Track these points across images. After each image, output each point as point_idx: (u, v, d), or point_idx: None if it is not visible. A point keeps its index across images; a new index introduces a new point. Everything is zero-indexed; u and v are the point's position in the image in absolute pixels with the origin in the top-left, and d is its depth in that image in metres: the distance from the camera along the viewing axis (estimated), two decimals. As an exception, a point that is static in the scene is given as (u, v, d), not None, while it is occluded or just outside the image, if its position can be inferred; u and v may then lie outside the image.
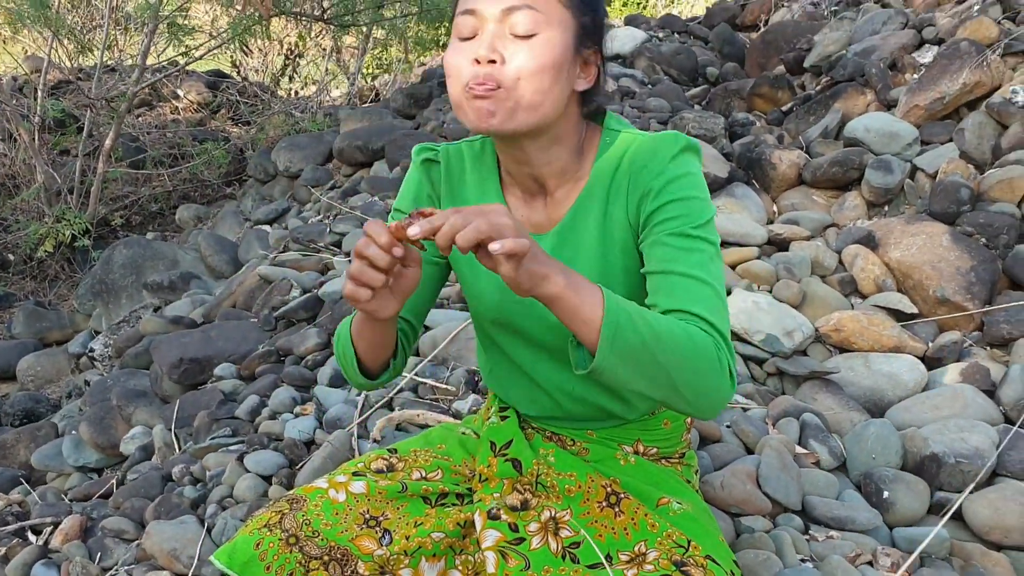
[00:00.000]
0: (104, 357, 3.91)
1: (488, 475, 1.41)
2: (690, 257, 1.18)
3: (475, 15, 1.17)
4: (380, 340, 1.32)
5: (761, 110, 4.54)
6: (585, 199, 1.30)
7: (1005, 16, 3.97)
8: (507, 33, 1.16)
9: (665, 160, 1.23)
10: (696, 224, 1.20)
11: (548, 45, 1.16)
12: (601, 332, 1.05)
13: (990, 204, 3.08)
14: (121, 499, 2.35)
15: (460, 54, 1.18)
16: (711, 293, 1.17)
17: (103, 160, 5.41)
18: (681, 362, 1.09)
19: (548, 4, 1.16)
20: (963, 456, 2.03)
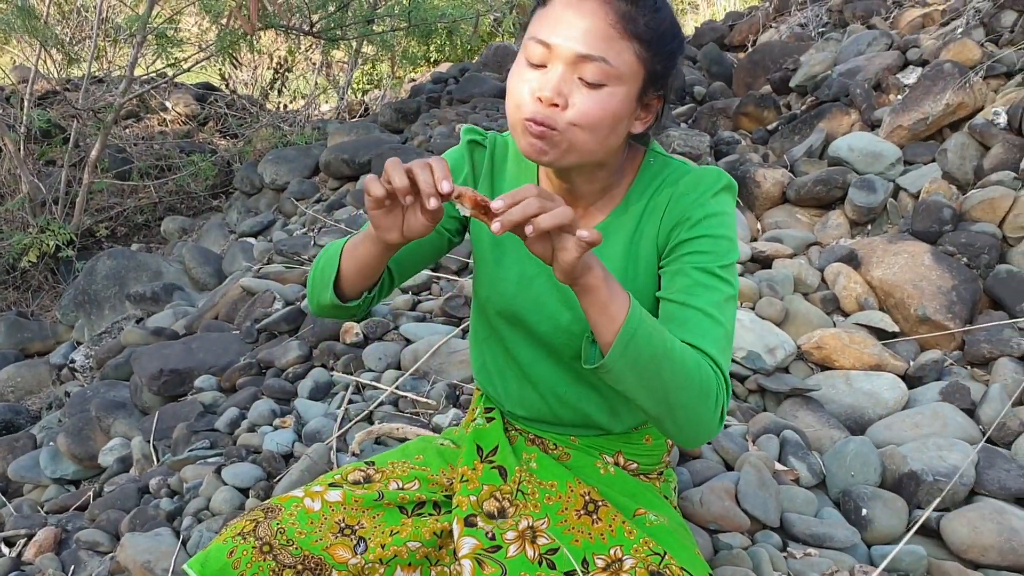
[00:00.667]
0: (85, 368, 3.89)
1: (471, 476, 1.41)
2: (709, 294, 1.21)
3: (549, 49, 1.15)
4: (369, 263, 1.27)
5: (747, 129, 4.56)
6: (618, 215, 1.32)
7: (988, 39, 4.01)
8: (575, 76, 1.14)
9: (708, 194, 1.26)
10: (722, 264, 1.23)
11: (612, 98, 1.16)
12: (619, 333, 1.09)
13: (972, 224, 3.10)
14: (97, 511, 2.33)
15: (525, 83, 1.17)
16: (722, 334, 1.20)
17: (89, 171, 5.40)
18: (682, 386, 1.13)
19: (622, 57, 1.15)
20: (941, 474, 2.04)
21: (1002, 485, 2.06)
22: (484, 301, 1.45)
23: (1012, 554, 1.83)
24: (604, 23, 1.13)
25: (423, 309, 2.92)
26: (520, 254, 1.37)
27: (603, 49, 1.13)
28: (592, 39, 1.13)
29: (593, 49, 1.13)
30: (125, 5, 6.90)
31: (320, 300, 1.36)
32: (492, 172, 1.42)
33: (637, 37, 1.15)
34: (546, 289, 1.36)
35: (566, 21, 1.14)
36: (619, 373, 1.11)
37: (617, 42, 1.14)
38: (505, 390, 1.49)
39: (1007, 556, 1.83)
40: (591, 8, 1.13)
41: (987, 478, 2.08)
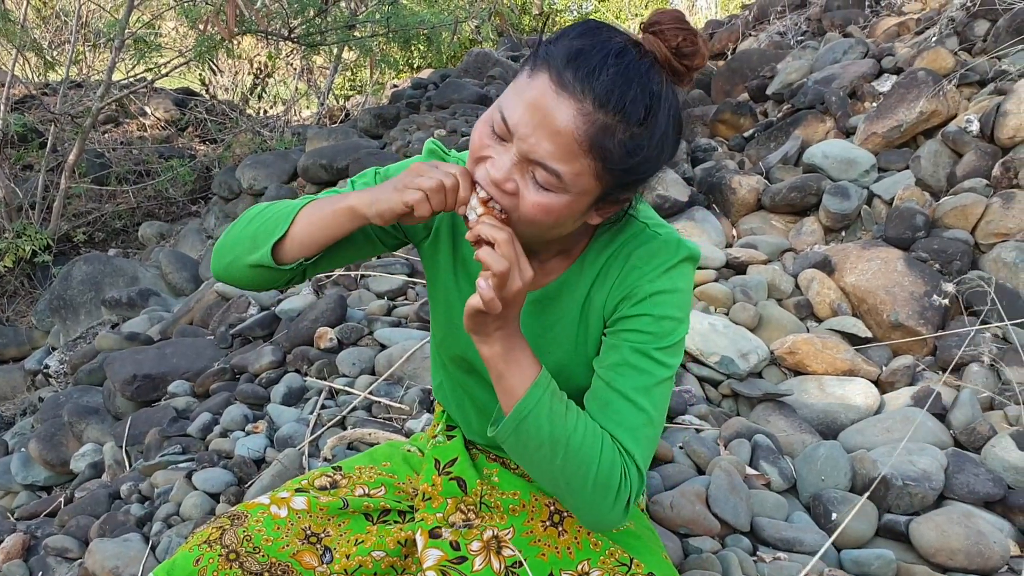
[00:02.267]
0: (60, 374, 3.86)
1: (432, 494, 1.40)
2: (637, 377, 1.16)
3: (509, 131, 1.04)
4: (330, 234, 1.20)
5: (723, 136, 4.59)
6: (573, 274, 1.26)
7: (961, 47, 4.05)
8: (529, 170, 1.05)
9: (659, 270, 1.19)
10: (659, 346, 1.17)
11: (561, 203, 1.06)
12: (512, 411, 1.09)
13: (944, 230, 3.13)
14: (66, 517, 2.31)
15: (485, 147, 1.08)
16: (643, 421, 1.15)
17: (66, 176, 5.36)
18: (576, 476, 1.11)
19: (577, 176, 1.04)
20: (911, 479, 2.05)
21: (971, 489, 2.07)
22: (439, 344, 1.42)
23: (979, 557, 1.84)
24: (570, 138, 1.01)
25: (398, 315, 2.91)
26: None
27: (558, 162, 1.02)
28: (551, 148, 1.02)
29: (548, 159, 1.02)
30: (104, 10, 6.87)
31: (245, 258, 1.24)
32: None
33: (603, 158, 1.03)
34: None
35: (536, 114, 1.02)
36: (510, 448, 1.11)
37: (578, 160, 1.02)
38: (464, 420, 1.48)
39: (974, 559, 1.85)
40: (565, 113, 1.00)
41: (956, 482, 2.09)
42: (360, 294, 3.07)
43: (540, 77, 1.02)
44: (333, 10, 5.78)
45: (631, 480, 1.13)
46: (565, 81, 1.00)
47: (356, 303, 3.00)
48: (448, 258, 1.32)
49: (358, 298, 3.04)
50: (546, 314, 1.28)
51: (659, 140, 1.05)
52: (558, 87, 1.00)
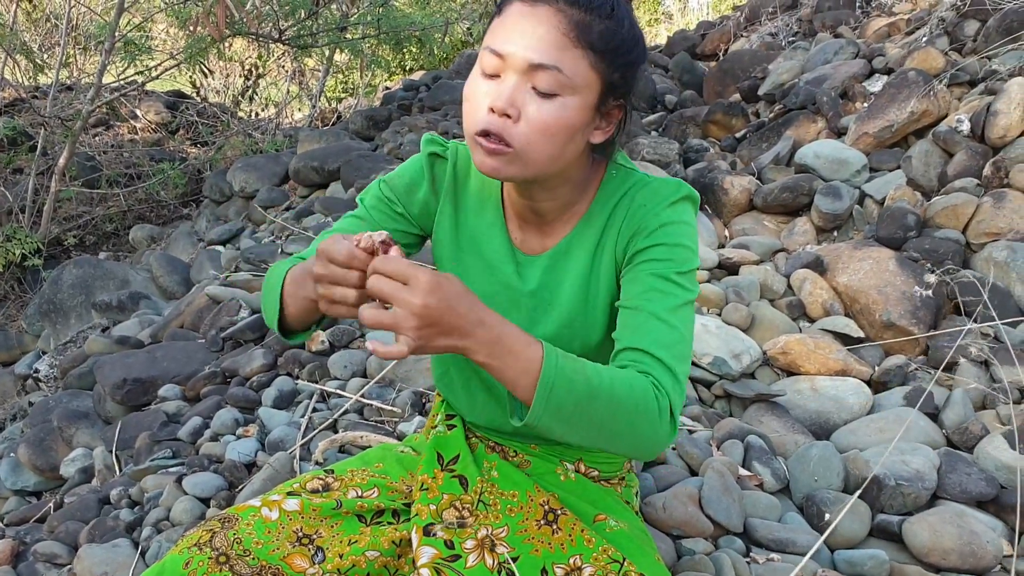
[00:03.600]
0: (50, 378, 3.83)
1: (431, 485, 1.39)
2: (664, 300, 1.19)
3: (502, 59, 1.13)
4: (314, 317, 1.26)
5: (715, 137, 4.59)
6: (581, 230, 1.31)
7: (952, 47, 4.06)
8: (528, 86, 1.12)
9: (663, 204, 1.24)
10: (678, 271, 1.21)
11: (566, 108, 1.13)
12: (536, 392, 1.06)
13: (936, 230, 3.13)
14: (56, 523, 2.30)
15: (478, 93, 1.15)
16: (676, 338, 1.18)
17: (56, 179, 5.34)
18: (616, 417, 1.10)
19: (576, 66, 1.12)
20: (904, 479, 2.05)
21: (963, 489, 2.07)
22: None
23: (972, 557, 1.84)
24: (557, 32, 1.10)
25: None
26: (477, 275, 1.36)
27: (556, 58, 1.10)
28: (544, 47, 1.10)
29: (545, 58, 1.10)
30: (95, 13, 6.85)
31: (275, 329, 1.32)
32: (455, 187, 1.39)
33: (591, 46, 1.12)
34: (503, 310, 1.32)
35: (519, 30, 1.11)
36: (546, 427, 1.09)
37: (570, 51, 1.11)
38: (469, 401, 1.47)
39: (967, 559, 1.84)
40: (544, 16, 1.11)
41: (949, 482, 2.09)
42: (352, 296, 3.05)
43: (512, 7, 1.14)
44: (324, 12, 5.77)
45: (667, 393, 1.13)
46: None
47: (348, 305, 2.98)
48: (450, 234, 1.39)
49: (349, 300, 3.02)
50: (556, 272, 1.32)
51: (629, 28, 1.16)
52: (531, 2, 1.12)
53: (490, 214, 1.37)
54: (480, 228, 1.37)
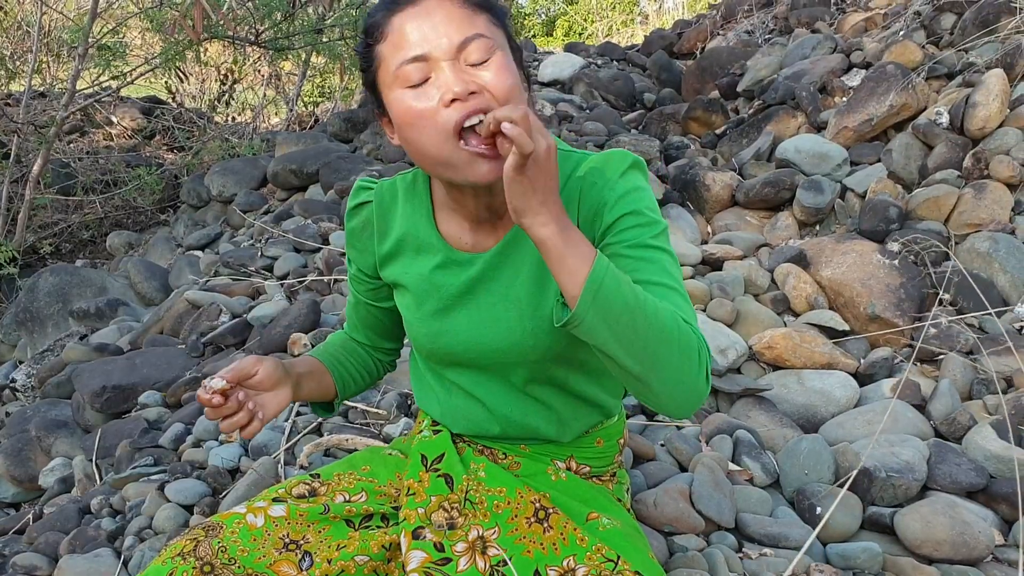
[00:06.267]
0: (27, 388, 3.77)
1: (417, 489, 1.37)
2: (652, 266, 1.18)
3: (426, 59, 1.12)
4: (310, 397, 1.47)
5: (696, 133, 4.59)
6: None
7: (929, 41, 4.08)
8: (464, 65, 1.12)
9: (616, 175, 1.23)
10: (653, 234, 1.20)
11: (505, 62, 1.14)
12: (584, 285, 1.03)
13: (918, 222, 3.14)
14: (35, 534, 2.25)
15: (424, 99, 1.12)
16: (681, 299, 1.17)
17: (31, 186, 5.27)
18: (660, 339, 1.07)
19: (488, 27, 1.15)
20: (894, 470, 2.04)
21: (953, 479, 2.07)
22: (413, 343, 1.44)
23: (964, 547, 1.83)
24: (456, 8, 1.13)
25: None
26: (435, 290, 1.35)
27: (474, 26, 1.12)
28: (459, 24, 1.12)
29: (467, 31, 1.11)
30: (67, 18, 6.77)
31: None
32: (383, 220, 1.39)
33: (484, 7, 1.16)
34: (464, 316, 1.33)
35: (428, 26, 1.12)
36: (591, 325, 1.05)
37: (477, 17, 1.14)
38: (450, 409, 1.45)
39: (960, 550, 1.84)
40: (435, 4, 1.13)
41: (938, 473, 2.08)
42: (334, 299, 3.03)
43: (396, 18, 1.15)
44: (301, 14, 5.73)
45: (703, 347, 1.13)
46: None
47: (330, 308, 2.96)
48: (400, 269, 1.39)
49: (332, 303, 3.00)
50: (509, 263, 1.30)
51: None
52: (414, 4, 1.14)
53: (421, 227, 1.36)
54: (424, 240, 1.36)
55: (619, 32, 12.67)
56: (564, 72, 5.72)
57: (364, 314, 1.54)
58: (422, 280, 1.35)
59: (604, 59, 6.41)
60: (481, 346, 1.33)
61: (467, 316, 1.33)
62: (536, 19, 15.15)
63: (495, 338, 1.32)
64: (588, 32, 13.40)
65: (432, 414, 1.49)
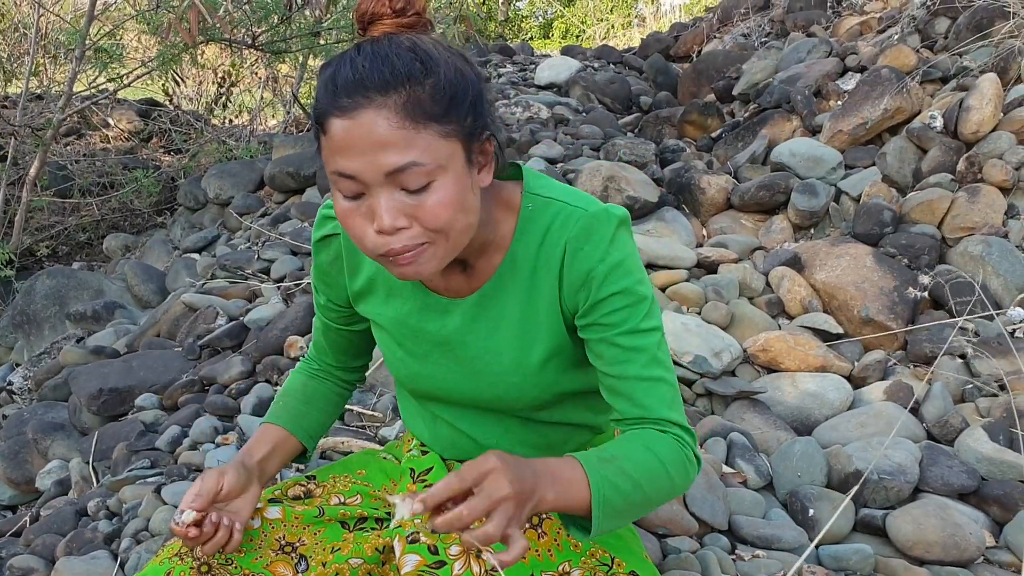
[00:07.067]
0: (24, 390, 3.78)
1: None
2: (642, 356, 1.17)
3: (355, 179, 1.02)
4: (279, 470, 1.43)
5: (691, 137, 4.60)
6: (507, 270, 1.22)
7: (923, 44, 4.10)
8: (398, 189, 1.02)
9: (604, 243, 1.16)
10: (642, 315, 1.17)
11: (447, 186, 1.03)
12: (593, 511, 1.06)
13: (912, 226, 3.15)
14: (32, 536, 2.26)
15: (353, 215, 1.06)
16: (666, 390, 1.18)
17: (28, 189, 5.27)
18: (658, 491, 1.14)
19: (431, 147, 1.01)
20: (886, 473, 2.05)
21: (945, 482, 2.08)
22: (392, 375, 1.41)
23: (955, 549, 1.85)
24: (392, 128, 0.99)
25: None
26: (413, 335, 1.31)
27: (408, 154, 1.00)
28: (391, 150, 0.99)
29: (399, 160, 1.00)
30: (64, 21, 6.78)
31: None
32: (353, 254, 1.32)
33: (432, 118, 1.01)
34: (441, 362, 1.30)
35: (356, 147, 1.00)
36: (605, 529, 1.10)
37: (417, 137, 1.00)
38: (435, 435, 1.44)
39: (951, 552, 1.85)
40: (370, 120, 0.99)
41: (931, 475, 2.10)
42: (330, 302, 3.03)
43: (334, 124, 1.01)
44: (298, 17, 5.74)
45: (686, 442, 1.17)
46: (348, 105, 1.00)
47: (326, 311, 2.96)
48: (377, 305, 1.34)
49: (328, 306, 3.00)
50: (488, 315, 1.25)
51: (448, 65, 1.05)
52: (350, 113, 1.00)
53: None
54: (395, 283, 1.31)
55: (616, 35, 12.70)
56: (560, 75, 5.74)
57: (335, 338, 1.48)
58: (398, 324, 1.31)
59: (601, 62, 6.43)
60: (463, 394, 1.31)
61: (447, 366, 1.30)
62: (533, 22, 15.17)
63: (478, 389, 1.30)
64: (585, 35, 13.42)
65: (420, 437, 1.48)
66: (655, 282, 2.94)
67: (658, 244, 3.10)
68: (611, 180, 3.48)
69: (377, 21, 1.08)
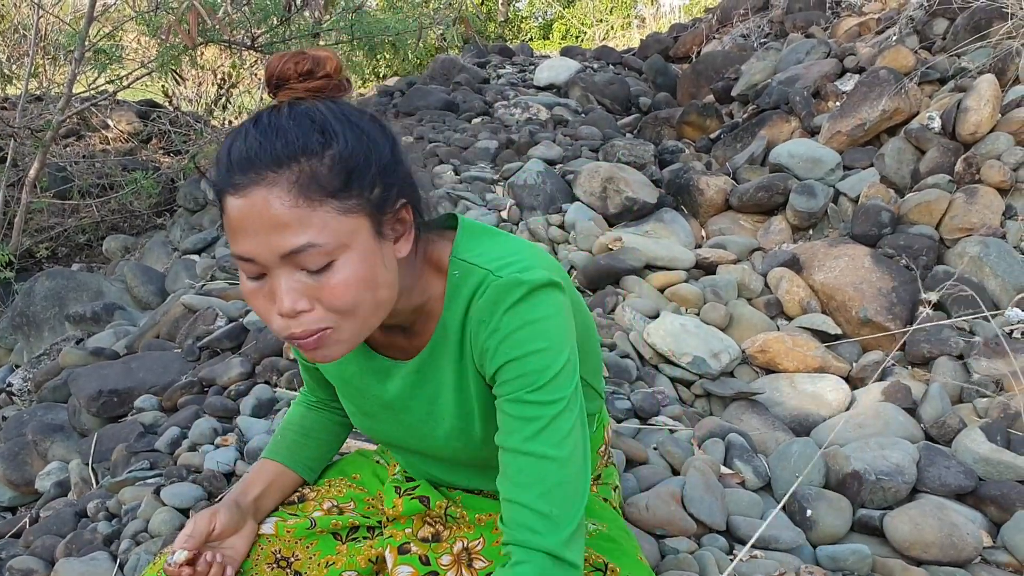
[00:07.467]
0: (23, 392, 3.78)
1: (394, 515, 1.36)
2: (525, 427, 1.06)
3: (253, 261, 0.97)
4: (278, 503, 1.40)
5: (690, 138, 4.61)
6: (440, 338, 1.17)
7: (921, 45, 4.10)
8: (299, 270, 0.97)
9: (499, 315, 1.07)
10: (534, 387, 1.06)
11: (349, 266, 0.97)
12: None
13: (910, 226, 3.16)
14: (32, 537, 2.26)
15: (256, 297, 1.01)
16: (547, 469, 1.05)
17: (27, 190, 5.27)
18: None
19: (329, 226, 0.95)
20: (884, 473, 2.06)
21: (943, 482, 2.09)
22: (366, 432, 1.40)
23: (953, 549, 1.85)
24: (285, 208, 0.94)
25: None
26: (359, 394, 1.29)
27: (303, 236, 0.95)
28: (285, 233, 0.94)
29: (293, 242, 0.94)
30: (64, 23, 6.78)
31: None
32: None
33: (330, 193, 0.96)
34: (390, 421, 1.28)
35: (250, 229, 0.95)
36: None
37: (313, 215, 0.95)
38: (409, 466, 1.42)
39: (948, 552, 1.86)
40: (262, 200, 0.94)
41: (928, 475, 2.10)
42: (329, 303, 3.03)
43: (229, 202, 0.97)
44: (297, 18, 5.75)
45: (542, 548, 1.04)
46: (241, 183, 0.95)
47: (325, 312, 2.96)
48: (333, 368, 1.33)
49: (327, 307, 3.00)
50: (427, 382, 1.21)
51: (359, 141, 1.00)
52: (242, 192, 0.95)
53: None
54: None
55: (616, 36, 12.70)
56: (560, 76, 5.75)
57: (315, 375, 1.45)
58: (344, 383, 1.30)
59: (600, 63, 6.43)
60: (416, 450, 1.31)
61: (396, 425, 1.28)
62: (533, 23, 15.18)
63: (428, 447, 1.28)
64: (585, 36, 13.43)
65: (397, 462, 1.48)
66: (654, 283, 2.94)
67: (657, 245, 3.11)
68: (610, 181, 3.48)
69: (285, 85, 1.02)
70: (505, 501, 1.07)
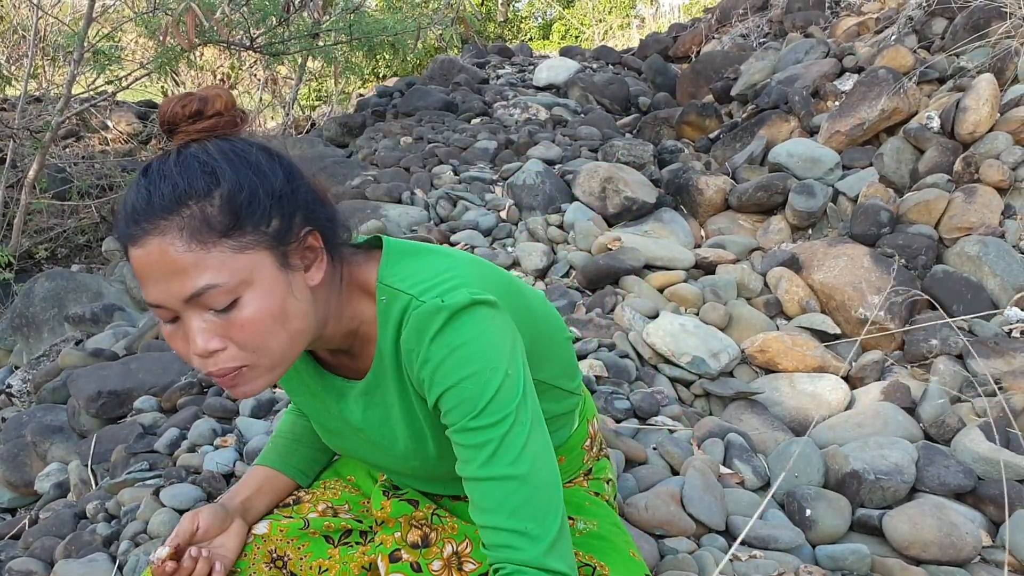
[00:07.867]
0: (23, 393, 3.78)
1: (382, 517, 1.36)
2: (478, 454, 1.05)
3: (162, 307, 0.98)
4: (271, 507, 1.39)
5: (689, 137, 4.61)
6: (379, 362, 1.15)
7: (920, 45, 4.10)
8: (206, 310, 0.97)
9: (426, 345, 1.05)
10: (474, 412, 1.04)
11: (255, 301, 0.98)
12: None
13: (908, 226, 3.15)
14: (31, 539, 2.26)
15: (174, 339, 1.02)
16: (513, 490, 1.04)
17: (26, 191, 5.27)
18: None
19: (227, 265, 0.96)
20: (883, 473, 2.06)
21: (942, 481, 2.09)
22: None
23: (952, 548, 1.85)
24: (179, 254, 0.94)
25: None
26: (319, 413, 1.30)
27: (202, 279, 0.95)
28: (183, 278, 0.95)
29: (192, 286, 0.95)
30: (63, 24, 6.79)
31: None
32: None
33: (223, 233, 0.96)
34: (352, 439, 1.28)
35: (151, 277, 0.96)
36: None
37: (208, 258, 0.95)
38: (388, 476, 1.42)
39: (947, 551, 1.85)
40: (156, 248, 0.95)
41: (927, 475, 2.10)
42: (328, 303, 3.03)
43: (131, 253, 0.98)
44: (296, 19, 5.75)
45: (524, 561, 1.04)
46: (136, 234, 0.96)
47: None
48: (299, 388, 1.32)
49: (326, 308, 3.00)
50: (376, 405, 1.20)
51: (250, 176, 0.99)
52: (138, 242, 0.96)
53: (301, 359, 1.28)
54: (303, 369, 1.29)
55: (615, 36, 12.71)
56: (559, 76, 5.75)
57: None
58: (305, 401, 1.31)
59: (599, 63, 6.44)
60: (379, 467, 1.31)
61: (359, 442, 1.27)
62: (532, 23, 15.18)
63: (390, 463, 1.28)
64: (584, 36, 13.43)
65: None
66: (653, 283, 2.94)
67: (656, 245, 3.11)
68: (609, 181, 3.48)
69: (177, 129, 1.03)
70: (480, 528, 1.07)
